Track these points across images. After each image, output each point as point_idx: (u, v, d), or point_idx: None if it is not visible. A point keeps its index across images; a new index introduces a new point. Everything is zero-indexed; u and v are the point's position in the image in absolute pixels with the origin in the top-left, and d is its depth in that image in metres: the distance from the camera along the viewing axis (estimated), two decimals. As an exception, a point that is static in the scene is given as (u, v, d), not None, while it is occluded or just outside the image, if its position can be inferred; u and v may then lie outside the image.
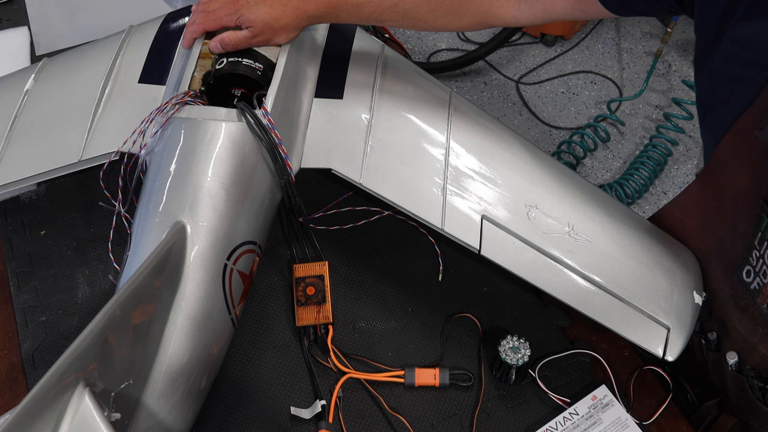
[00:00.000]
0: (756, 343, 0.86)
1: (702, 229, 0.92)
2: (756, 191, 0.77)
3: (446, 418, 0.90)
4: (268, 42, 0.92)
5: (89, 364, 0.63)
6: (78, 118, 0.97)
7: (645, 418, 0.90)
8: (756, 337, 0.86)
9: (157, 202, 0.82)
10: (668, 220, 0.98)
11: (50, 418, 0.59)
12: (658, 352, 0.87)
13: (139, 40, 1.04)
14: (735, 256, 0.84)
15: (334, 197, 1.07)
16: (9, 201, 1.09)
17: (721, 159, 0.82)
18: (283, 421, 0.89)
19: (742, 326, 0.87)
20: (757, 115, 0.74)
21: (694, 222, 0.93)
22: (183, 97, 0.88)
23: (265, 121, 0.86)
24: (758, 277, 0.81)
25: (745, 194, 0.80)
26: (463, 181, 0.92)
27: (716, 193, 0.86)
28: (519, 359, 0.89)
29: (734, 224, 0.84)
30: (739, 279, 0.84)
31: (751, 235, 0.80)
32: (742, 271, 0.83)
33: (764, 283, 0.81)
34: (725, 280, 0.88)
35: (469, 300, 1.00)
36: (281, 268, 1.01)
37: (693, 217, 0.93)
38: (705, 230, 0.92)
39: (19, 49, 1.32)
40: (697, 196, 0.91)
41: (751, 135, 0.75)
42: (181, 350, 0.77)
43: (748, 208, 0.79)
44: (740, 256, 0.83)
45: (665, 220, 0.98)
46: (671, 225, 0.97)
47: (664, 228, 0.98)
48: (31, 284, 1.01)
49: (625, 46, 2.83)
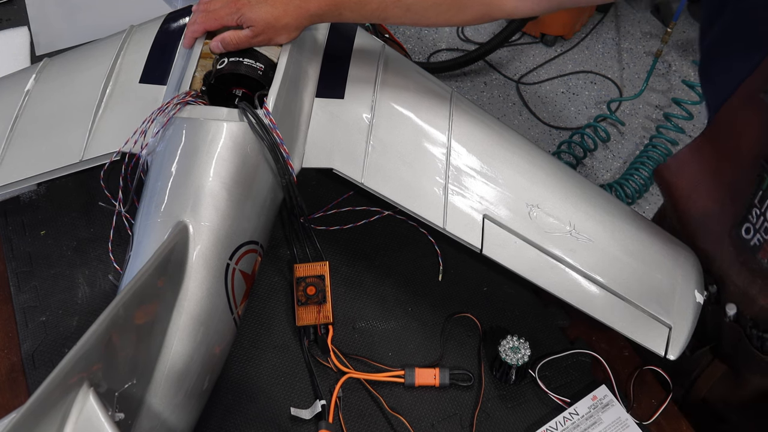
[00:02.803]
0: (755, 295, 0.88)
1: (695, 190, 0.93)
2: (757, 153, 0.79)
3: (446, 418, 0.91)
4: (269, 41, 0.92)
5: (93, 364, 0.63)
6: (79, 119, 0.97)
7: (645, 418, 0.90)
8: (755, 290, 0.88)
9: (159, 202, 0.82)
10: (660, 182, 0.99)
11: (55, 418, 0.59)
12: (660, 350, 0.87)
13: (140, 40, 1.04)
14: (734, 215, 0.86)
15: (334, 197, 1.07)
16: (9, 201, 1.09)
17: (721, 124, 0.84)
18: (283, 421, 0.89)
19: (741, 280, 0.89)
20: (761, 79, 0.75)
21: (685, 184, 0.95)
22: (184, 97, 0.88)
23: (266, 120, 0.86)
24: (758, 233, 0.83)
25: (746, 156, 0.81)
26: (464, 181, 0.92)
27: (715, 156, 0.88)
28: (519, 359, 0.90)
29: (734, 185, 0.85)
30: (738, 236, 0.86)
31: (751, 194, 0.82)
32: (741, 228, 0.85)
33: (764, 240, 0.83)
34: (724, 238, 0.90)
35: (469, 300, 1.00)
36: (282, 268, 1.01)
37: (684, 179, 0.94)
38: (699, 192, 0.93)
39: (19, 49, 1.32)
40: (691, 160, 0.92)
41: (755, 98, 0.76)
42: (183, 350, 0.77)
43: (749, 169, 0.81)
44: (739, 215, 0.85)
45: (664, 179, 0.99)
46: (663, 186, 0.99)
47: (663, 185, 0.99)
48: (31, 284, 1.01)
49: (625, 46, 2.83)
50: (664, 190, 0.99)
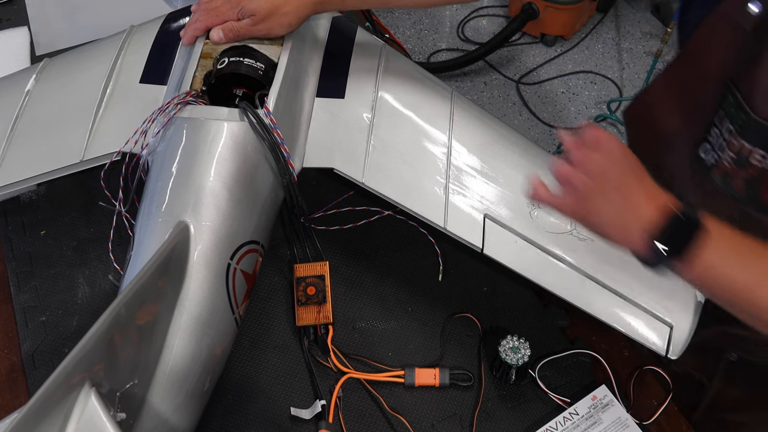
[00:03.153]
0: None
1: (666, 115, 0.94)
2: (724, 74, 0.80)
3: (446, 418, 0.91)
4: (269, 31, 0.91)
5: (95, 364, 0.63)
6: (79, 119, 0.97)
7: (645, 418, 0.90)
8: (705, 210, 0.86)
9: (160, 202, 0.82)
10: (636, 113, 1.00)
11: (57, 418, 0.59)
12: (661, 350, 0.87)
13: (140, 40, 1.04)
14: (696, 137, 0.87)
15: (334, 197, 1.07)
16: (9, 201, 1.09)
17: (691, 51, 0.86)
18: (283, 421, 0.89)
19: (695, 201, 0.87)
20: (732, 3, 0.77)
21: (655, 112, 0.95)
22: (185, 96, 0.88)
23: (267, 120, 0.86)
24: (715, 152, 0.83)
25: (713, 78, 0.82)
26: (465, 180, 0.92)
27: (684, 82, 0.89)
28: (519, 359, 0.90)
29: (699, 108, 0.85)
30: (696, 156, 0.87)
31: (712, 113, 0.82)
32: (699, 148, 0.86)
33: (719, 158, 0.82)
34: (685, 159, 0.90)
35: (469, 300, 1.00)
36: (282, 268, 1.01)
37: (660, 108, 0.94)
38: (669, 116, 0.93)
39: (19, 49, 1.32)
40: (662, 89, 0.93)
41: (724, 23, 0.77)
42: (185, 350, 0.77)
43: (715, 91, 0.81)
44: (701, 136, 0.85)
45: (634, 113, 1.00)
46: (639, 116, 1.00)
47: (632, 120, 1.00)
48: (31, 284, 1.01)
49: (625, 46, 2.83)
50: (633, 125, 0.99)
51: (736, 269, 0.67)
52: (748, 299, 0.67)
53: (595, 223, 0.70)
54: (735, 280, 0.67)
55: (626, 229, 0.68)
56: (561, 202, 0.71)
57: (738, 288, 0.67)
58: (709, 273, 0.67)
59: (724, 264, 0.66)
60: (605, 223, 0.69)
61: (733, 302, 0.69)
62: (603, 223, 0.69)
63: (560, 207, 0.71)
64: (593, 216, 0.70)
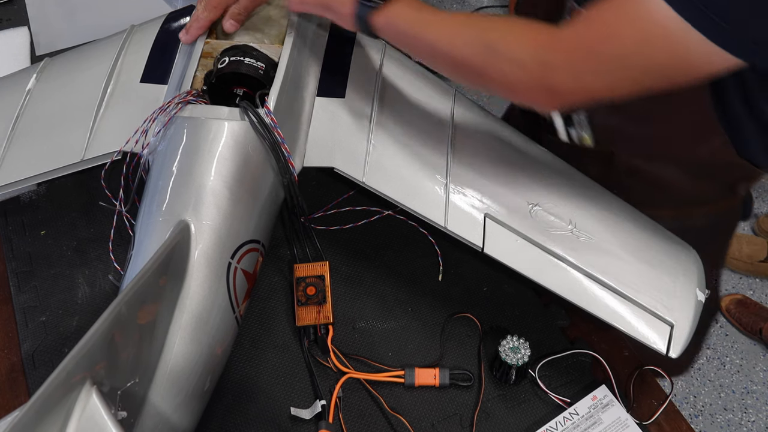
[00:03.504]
0: None
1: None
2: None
3: (446, 418, 0.91)
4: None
5: (96, 363, 0.63)
6: (80, 118, 0.97)
7: (645, 418, 0.91)
8: None
9: (161, 201, 0.82)
10: None
11: (58, 416, 0.59)
12: (662, 348, 0.87)
13: (141, 39, 1.04)
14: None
15: (334, 197, 1.07)
16: (9, 201, 1.09)
17: None
18: (283, 421, 0.89)
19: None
20: None
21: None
22: (185, 96, 0.88)
23: (267, 119, 0.86)
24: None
25: None
26: (465, 179, 0.92)
27: None
28: (519, 359, 0.90)
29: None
30: None
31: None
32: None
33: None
34: None
35: (469, 300, 1.00)
36: (282, 267, 1.01)
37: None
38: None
39: (19, 49, 1.32)
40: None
41: None
42: (185, 349, 0.77)
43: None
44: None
45: None
46: None
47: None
48: (31, 284, 1.01)
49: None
50: None
51: (414, 15, 0.82)
52: (424, 39, 0.81)
53: (324, 3, 0.88)
54: (415, 21, 0.82)
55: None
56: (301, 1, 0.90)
57: (417, 31, 0.82)
58: (394, 18, 0.83)
59: (406, 12, 0.82)
60: (329, 4, 0.87)
61: (418, 48, 0.85)
62: (328, 3, 0.87)
63: (300, 5, 0.91)
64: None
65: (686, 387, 2.02)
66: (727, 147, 0.93)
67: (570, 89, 0.74)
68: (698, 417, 1.97)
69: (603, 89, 0.74)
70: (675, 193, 1.03)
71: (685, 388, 2.02)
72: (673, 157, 0.99)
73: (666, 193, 1.03)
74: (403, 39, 0.85)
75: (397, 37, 0.85)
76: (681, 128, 0.95)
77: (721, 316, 2.15)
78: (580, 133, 1.02)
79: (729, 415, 1.97)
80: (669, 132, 0.96)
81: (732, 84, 0.84)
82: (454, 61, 0.80)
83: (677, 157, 0.99)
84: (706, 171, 1.00)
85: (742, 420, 1.96)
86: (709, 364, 2.06)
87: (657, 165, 1.01)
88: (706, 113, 0.90)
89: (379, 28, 0.85)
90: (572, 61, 0.72)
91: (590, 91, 0.75)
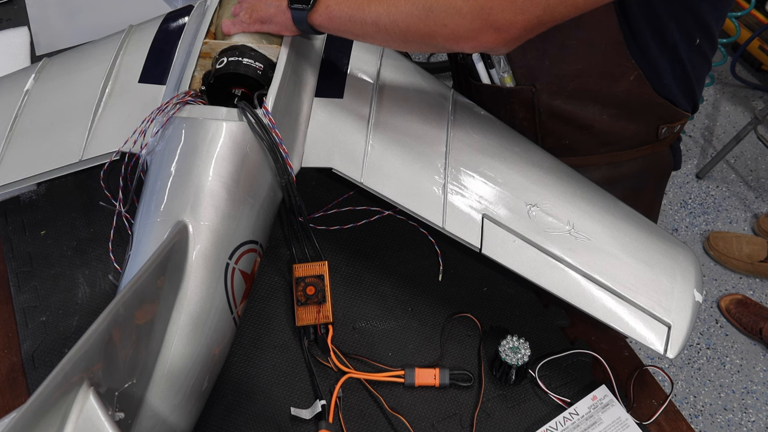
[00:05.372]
0: None
1: None
2: None
3: (446, 418, 0.90)
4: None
5: (94, 363, 0.63)
6: (78, 118, 0.97)
7: (645, 418, 0.90)
8: None
9: (159, 201, 0.82)
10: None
11: (55, 417, 0.59)
12: (660, 349, 0.87)
13: (139, 39, 1.04)
14: None
15: (334, 197, 1.07)
16: (9, 201, 1.09)
17: None
18: (283, 421, 0.89)
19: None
20: None
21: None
22: (184, 96, 0.88)
23: (266, 120, 0.86)
24: None
25: None
26: (463, 180, 0.92)
27: None
28: (519, 359, 0.90)
29: None
30: None
31: None
32: None
33: None
34: None
35: (469, 300, 1.00)
36: (281, 267, 1.01)
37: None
38: None
39: (19, 49, 1.33)
40: None
41: None
42: (183, 350, 0.77)
43: None
44: None
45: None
46: None
47: None
48: (31, 284, 1.01)
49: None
50: None
51: (349, 2, 0.85)
52: (365, 21, 0.85)
53: (262, 18, 0.93)
54: (351, 7, 0.85)
55: (279, 9, 0.91)
56: (240, 21, 0.94)
57: (356, 16, 0.85)
58: (331, 11, 0.87)
59: (340, 2, 0.86)
60: (269, 17, 0.92)
61: (362, 32, 0.87)
62: (267, 17, 0.92)
63: (240, 25, 0.94)
64: (260, 15, 0.93)
65: (686, 387, 2.02)
66: (643, 83, 0.97)
67: (511, 22, 0.77)
68: (698, 417, 1.97)
69: (542, 13, 0.76)
70: (599, 136, 1.06)
71: (685, 388, 2.02)
72: (589, 94, 1.01)
73: (591, 135, 1.06)
74: (346, 27, 0.88)
75: (341, 28, 0.88)
76: (594, 62, 0.97)
77: (721, 316, 2.15)
78: (501, 75, 1.04)
79: (729, 415, 1.97)
80: (583, 66, 0.98)
81: (636, 4, 0.88)
82: (399, 33, 0.83)
83: (594, 94, 1.01)
84: (626, 110, 1.03)
85: (742, 420, 1.96)
86: (709, 364, 2.06)
87: (576, 103, 1.03)
88: (618, 47, 0.93)
89: (321, 25, 0.89)
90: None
91: (531, 18, 0.77)
